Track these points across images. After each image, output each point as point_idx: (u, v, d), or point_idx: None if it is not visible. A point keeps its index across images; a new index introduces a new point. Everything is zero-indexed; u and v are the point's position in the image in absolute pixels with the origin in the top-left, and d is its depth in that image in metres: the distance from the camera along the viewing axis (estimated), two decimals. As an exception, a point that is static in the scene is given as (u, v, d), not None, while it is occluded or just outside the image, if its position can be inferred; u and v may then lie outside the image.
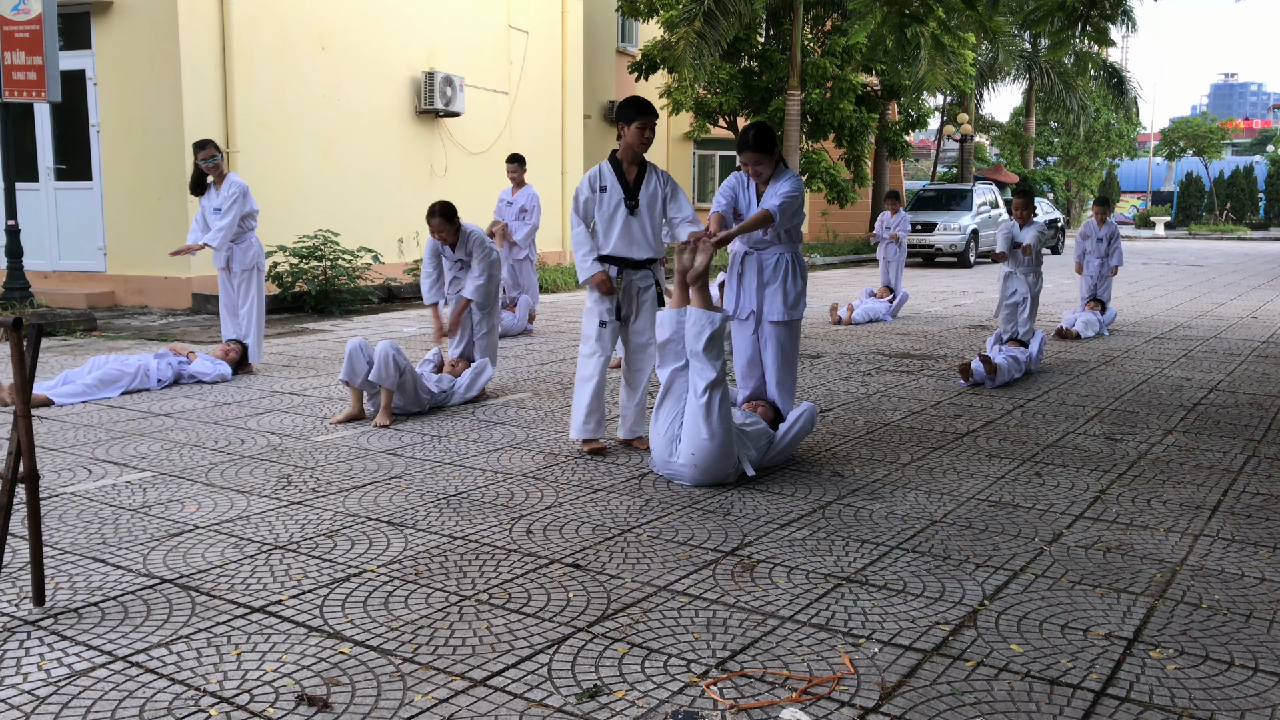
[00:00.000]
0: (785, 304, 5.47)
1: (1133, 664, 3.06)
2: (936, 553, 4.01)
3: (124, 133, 12.12)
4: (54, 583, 3.57)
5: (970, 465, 5.40)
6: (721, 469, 4.87)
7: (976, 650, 3.14)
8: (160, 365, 7.35)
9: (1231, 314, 13.34)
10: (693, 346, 4.85)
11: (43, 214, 12.70)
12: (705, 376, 4.80)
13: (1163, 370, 8.64)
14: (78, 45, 12.17)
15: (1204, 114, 61.42)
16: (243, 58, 12.48)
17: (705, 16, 18.69)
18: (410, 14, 15.09)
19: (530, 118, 17.95)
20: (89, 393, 6.88)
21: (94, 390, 6.91)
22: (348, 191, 14.16)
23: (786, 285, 5.47)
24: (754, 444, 5.09)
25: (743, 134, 5.37)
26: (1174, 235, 44.79)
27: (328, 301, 12.25)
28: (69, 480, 4.91)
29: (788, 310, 5.47)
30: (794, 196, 5.29)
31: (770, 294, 5.49)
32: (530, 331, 10.70)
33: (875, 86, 24.57)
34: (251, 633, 3.19)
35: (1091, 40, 10.48)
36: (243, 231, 8.04)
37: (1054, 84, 34.36)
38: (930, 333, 11.08)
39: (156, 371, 7.30)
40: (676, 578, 3.70)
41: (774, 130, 5.49)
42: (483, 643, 3.13)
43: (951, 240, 22.84)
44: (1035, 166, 42.40)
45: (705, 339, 4.82)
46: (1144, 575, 3.80)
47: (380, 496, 4.68)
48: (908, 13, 7.77)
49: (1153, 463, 5.52)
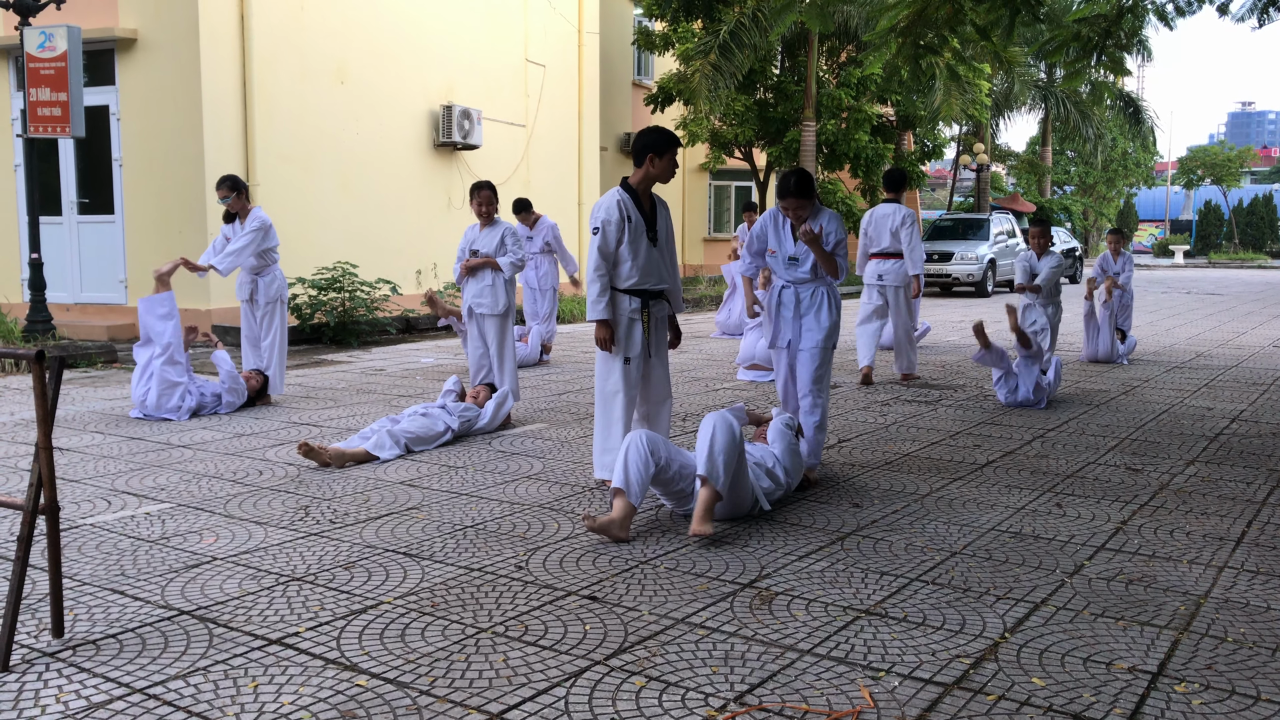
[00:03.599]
0: (820, 334, 5.67)
1: (1157, 699, 3.02)
2: (957, 585, 3.97)
3: (146, 167, 12.27)
4: (73, 614, 3.58)
5: (990, 496, 5.36)
6: (735, 512, 4.85)
7: (998, 684, 3.10)
8: (189, 397, 7.45)
9: (1253, 343, 13.24)
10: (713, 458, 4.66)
11: (65, 247, 12.86)
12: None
13: (1184, 400, 8.57)
14: (102, 81, 12.36)
15: (1222, 142, 61.26)
16: (263, 92, 12.63)
17: (720, 49, 18.83)
18: (428, 48, 15.27)
19: (547, 150, 18.08)
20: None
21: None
22: (366, 223, 14.28)
23: (821, 317, 5.69)
24: (774, 495, 5.05)
25: (783, 181, 5.56)
26: (1193, 264, 44.59)
27: (346, 333, 12.31)
28: (89, 512, 4.93)
29: (822, 340, 5.67)
30: (842, 239, 5.65)
31: (807, 324, 5.69)
32: (546, 362, 10.72)
33: (890, 117, 24.64)
34: (269, 665, 3.19)
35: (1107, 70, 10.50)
36: (266, 265, 8.09)
37: (1070, 113, 34.38)
38: (948, 362, 11.04)
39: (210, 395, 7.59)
40: (694, 610, 3.68)
41: (810, 175, 5.67)
42: (500, 675, 3.12)
43: (969, 270, 22.80)
44: (1052, 195, 42.38)
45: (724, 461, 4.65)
46: (1167, 608, 3.75)
47: (397, 528, 4.68)
48: (922, 44, 7.80)
49: (1175, 493, 5.47)
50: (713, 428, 4.59)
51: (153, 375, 7.33)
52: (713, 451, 4.53)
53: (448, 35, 15.62)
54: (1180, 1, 9.15)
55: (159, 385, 7.29)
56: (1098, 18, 8.41)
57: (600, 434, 5.46)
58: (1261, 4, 11.31)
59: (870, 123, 22.18)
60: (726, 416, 4.67)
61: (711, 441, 4.55)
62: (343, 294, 12.34)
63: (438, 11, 15.39)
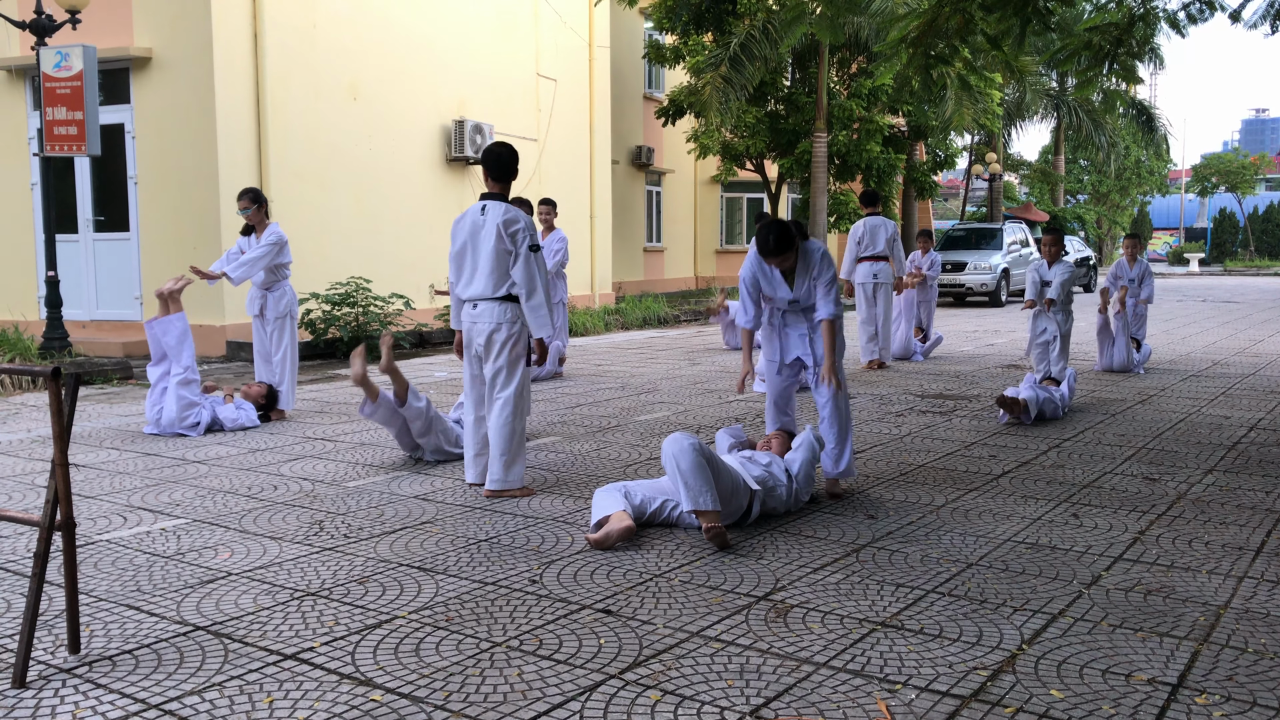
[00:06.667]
0: (831, 300, 5.52)
1: (1177, 710, 2.99)
2: (973, 596, 3.95)
3: (161, 184, 12.36)
4: (89, 630, 3.59)
5: (1006, 507, 5.33)
6: (735, 509, 4.84)
7: (1016, 696, 3.08)
8: (204, 414, 7.46)
9: (1270, 351, 13.15)
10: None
11: (81, 264, 12.94)
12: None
13: (1201, 408, 8.52)
14: (117, 100, 12.46)
15: (1236, 149, 61.01)
16: (276, 109, 12.71)
17: (731, 62, 18.87)
18: (440, 64, 15.35)
19: (559, 164, 18.14)
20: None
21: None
22: (380, 238, 14.34)
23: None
24: (769, 483, 5.04)
25: (761, 242, 5.36)
26: (1208, 271, 44.33)
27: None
28: (105, 528, 4.95)
29: (836, 305, 5.55)
30: (835, 281, 5.53)
31: (817, 343, 5.60)
32: (560, 375, 10.73)
33: (902, 127, 24.63)
34: (284, 680, 3.19)
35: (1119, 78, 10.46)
36: (277, 280, 8.13)
37: (1082, 122, 34.29)
38: (963, 373, 11.00)
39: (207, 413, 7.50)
40: (709, 623, 3.66)
41: (789, 225, 5.40)
42: (514, 690, 3.11)
43: (982, 280, 22.73)
44: (1065, 204, 42.26)
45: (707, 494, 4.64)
46: (1187, 619, 3.72)
47: (411, 542, 4.68)
48: (933, 54, 7.79)
49: (1193, 503, 5.42)
50: (673, 456, 4.60)
51: (166, 391, 7.36)
52: (687, 481, 4.54)
53: (459, 51, 15.70)
54: (1192, 9, 9.12)
55: (176, 404, 7.32)
56: (1109, 26, 8.39)
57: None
58: (1274, 11, 11.26)
59: (882, 133, 22.18)
60: (679, 439, 4.63)
61: (679, 470, 4.56)
62: (356, 309, 12.39)
63: (449, 27, 15.48)
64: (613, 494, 4.82)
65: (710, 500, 4.54)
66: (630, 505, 4.75)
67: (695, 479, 4.52)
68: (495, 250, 5.52)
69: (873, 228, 11.44)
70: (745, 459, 5.11)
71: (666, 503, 4.86)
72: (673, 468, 4.59)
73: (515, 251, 5.53)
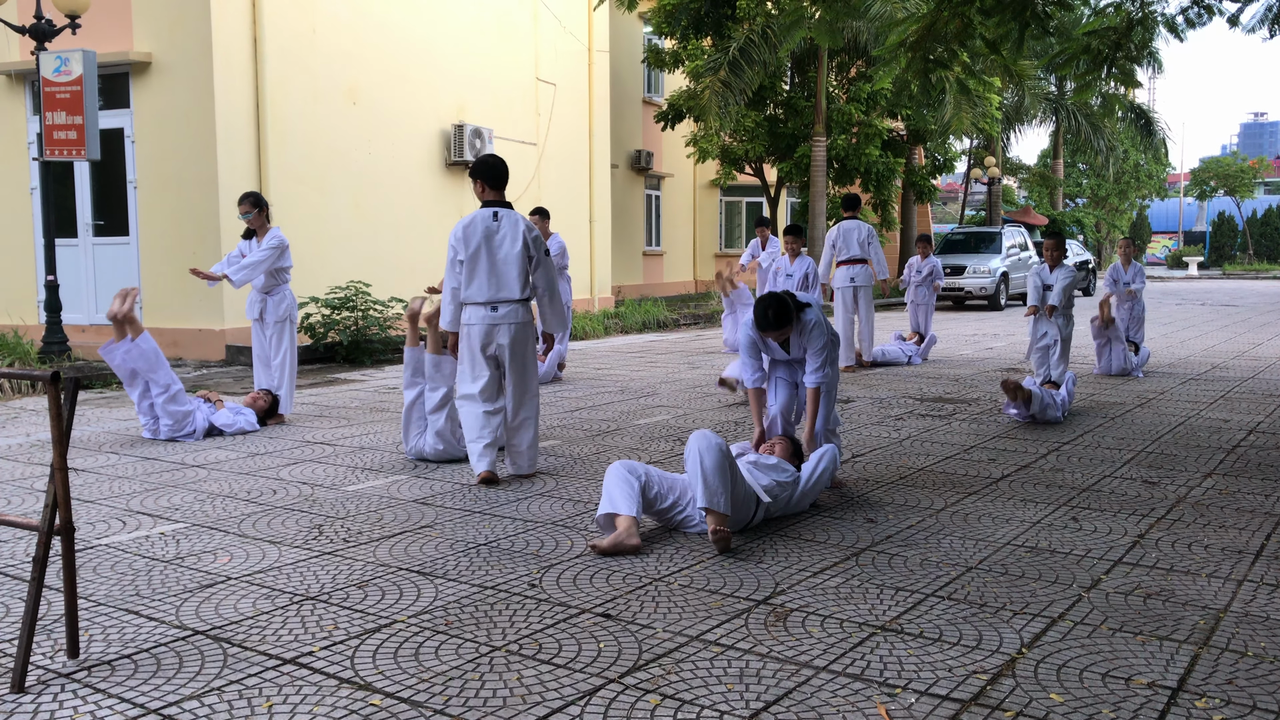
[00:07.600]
0: (819, 366, 5.60)
1: (1177, 714, 2.99)
2: (972, 600, 3.95)
3: (160, 189, 12.36)
4: (88, 635, 3.59)
5: (1005, 510, 5.33)
6: (741, 517, 4.84)
7: (1015, 700, 3.07)
8: (199, 417, 7.45)
9: (1269, 354, 13.15)
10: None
11: (81, 269, 12.94)
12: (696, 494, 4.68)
13: (1200, 412, 8.52)
14: (117, 104, 12.47)
15: (1234, 153, 61.04)
16: (276, 114, 12.72)
17: (730, 66, 18.90)
18: (439, 68, 15.36)
19: (558, 168, 18.15)
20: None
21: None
22: (379, 243, 14.34)
23: (815, 343, 5.64)
24: (778, 494, 5.05)
25: (761, 318, 5.45)
26: (1207, 275, 44.37)
27: (359, 351, 12.36)
28: (104, 532, 4.94)
29: (824, 370, 5.60)
30: (826, 349, 5.55)
31: (809, 357, 5.63)
32: (560, 379, 10.73)
33: (901, 131, 24.66)
34: (283, 684, 3.19)
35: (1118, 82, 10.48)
36: (277, 284, 8.13)
37: (1081, 126, 34.35)
38: (962, 376, 11.01)
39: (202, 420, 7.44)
40: (708, 627, 3.66)
41: (787, 300, 5.46)
42: (514, 694, 3.11)
43: (981, 283, 22.74)
44: (1064, 208, 42.28)
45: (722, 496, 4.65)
46: (1186, 622, 3.72)
47: (411, 546, 4.68)
48: (932, 58, 7.80)
49: (1192, 506, 5.42)
50: (698, 452, 4.60)
51: (153, 407, 7.32)
52: (706, 478, 4.54)
53: (458, 55, 15.71)
54: (1191, 13, 9.12)
55: (169, 419, 7.29)
56: (1108, 30, 8.39)
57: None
58: (1272, 15, 11.28)
59: (881, 137, 22.21)
60: (708, 435, 4.65)
61: (702, 467, 4.55)
62: (355, 313, 12.39)
63: (448, 32, 15.49)
64: (628, 485, 4.67)
65: (724, 503, 4.55)
66: (643, 499, 4.70)
67: (715, 478, 4.54)
68: (520, 255, 5.98)
69: (845, 231, 11.58)
70: (752, 464, 5.10)
71: (678, 503, 4.83)
72: (695, 462, 4.59)
73: (535, 257, 6.03)
